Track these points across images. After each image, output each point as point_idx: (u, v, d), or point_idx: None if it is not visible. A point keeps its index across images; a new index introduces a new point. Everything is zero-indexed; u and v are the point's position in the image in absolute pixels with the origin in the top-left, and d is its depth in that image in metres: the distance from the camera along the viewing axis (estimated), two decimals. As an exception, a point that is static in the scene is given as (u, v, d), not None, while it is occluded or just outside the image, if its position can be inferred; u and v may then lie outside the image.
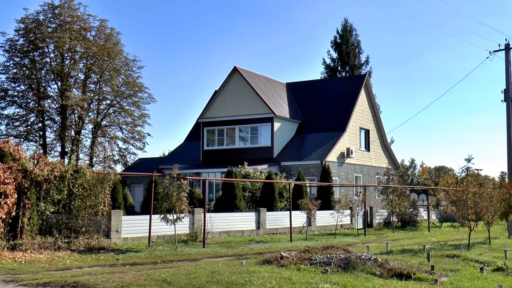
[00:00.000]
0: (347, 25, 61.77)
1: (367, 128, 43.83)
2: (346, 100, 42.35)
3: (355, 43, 61.83)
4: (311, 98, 44.26)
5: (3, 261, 15.33)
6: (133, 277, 12.42)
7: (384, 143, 46.22)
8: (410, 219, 34.77)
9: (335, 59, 61.71)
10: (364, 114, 43.64)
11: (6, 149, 22.81)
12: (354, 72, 59.69)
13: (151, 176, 22.07)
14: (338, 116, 41.46)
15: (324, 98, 43.63)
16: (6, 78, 43.68)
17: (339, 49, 61.28)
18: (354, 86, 43.46)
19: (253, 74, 43.09)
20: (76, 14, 43.11)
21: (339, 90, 43.82)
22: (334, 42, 61.93)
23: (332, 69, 61.40)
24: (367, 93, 44.36)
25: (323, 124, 41.37)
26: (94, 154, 44.52)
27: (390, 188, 33.20)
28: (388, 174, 34.93)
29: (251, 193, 31.39)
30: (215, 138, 41.85)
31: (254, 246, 21.19)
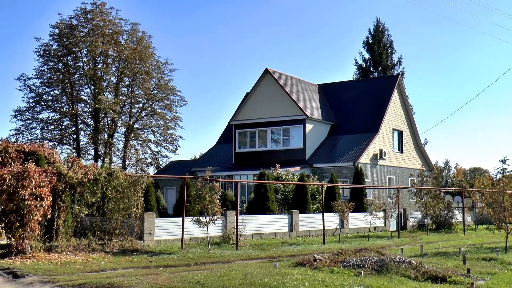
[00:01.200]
0: (379, 25, 61.27)
1: (400, 129, 43.33)
2: (379, 101, 41.95)
3: (388, 43, 61.29)
4: (343, 99, 43.97)
5: (40, 262, 15.55)
6: (166, 279, 12.45)
7: (418, 144, 45.63)
8: (444, 221, 34.23)
9: (367, 59, 61.25)
10: (397, 115, 43.16)
11: (41, 152, 23.17)
12: (386, 72, 59.14)
13: (184, 179, 22.13)
14: (370, 117, 41.09)
15: (356, 99, 43.30)
16: (41, 83, 44.40)
17: (371, 49, 60.80)
18: (387, 87, 43.02)
19: (285, 75, 42.99)
20: (108, 18, 43.65)
21: (371, 91, 43.45)
22: (366, 42, 61.48)
23: (364, 70, 60.95)
24: (400, 94, 43.87)
25: (355, 126, 41.06)
26: (126, 157, 44.93)
27: (424, 190, 32.74)
28: (422, 175, 34.48)
29: (283, 195, 31.27)
30: (247, 140, 41.84)
31: (287, 249, 21.08)
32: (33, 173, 16.73)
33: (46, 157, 23.01)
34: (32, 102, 44.25)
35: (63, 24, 43.30)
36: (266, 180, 29.26)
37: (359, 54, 62.32)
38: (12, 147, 23.19)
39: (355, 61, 61.90)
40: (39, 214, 16.60)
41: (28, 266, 14.78)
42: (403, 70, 61.04)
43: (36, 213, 16.50)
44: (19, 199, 16.32)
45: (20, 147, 23.60)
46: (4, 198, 16.50)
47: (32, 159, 21.01)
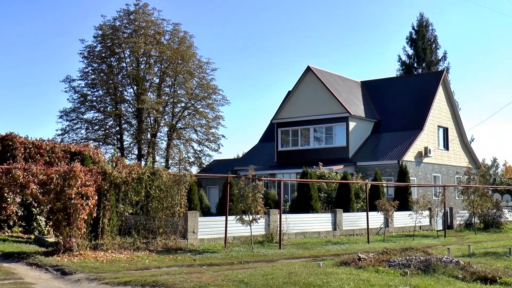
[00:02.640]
0: (423, 20, 60.31)
1: (445, 126, 42.51)
2: (423, 98, 41.26)
3: (432, 39, 60.27)
4: (386, 96, 43.41)
5: (86, 260, 15.78)
6: (210, 277, 12.45)
7: (464, 141, 44.71)
8: (493, 220, 33.38)
9: (411, 55, 60.38)
10: (442, 112, 42.35)
11: (86, 152, 23.62)
12: (430, 68, 58.16)
13: (226, 178, 22.15)
14: (415, 114, 40.45)
15: (400, 96, 42.69)
16: (85, 84, 45.22)
17: (415, 45, 59.89)
18: (431, 83, 42.26)
19: (327, 73, 42.69)
20: (150, 19, 44.12)
21: (415, 87, 42.77)
22: (409, 38, 60.61)
23: (408, 66, 60.08)
24: (445, 90, 43.05)
25: (399, 123, 40.49)
26: (169, 156, 45.33)
27: (471, 188, 32.03)
28: (469, 173, 33.72)
29: (326, 194, 31.04)
30: (290, 139, 41.70)
31: (331, 248, 20.89)
32: (79, 173, 16.98)
33: (91, 157, 23.43)
34: (77, 103, 45.10)
35: (106, 26, 43.99)
36: (309, 179, 29.08)
37: (403, 50, 61.55)
38: (58, 147, 23.70)
39: (398, 57, 61.19)
40: (85, 212, 16.85)
41: (75, 264, 15.01)
42: (448, 65, 60.05)
43: (82, 211, 16.76)
44: (65, 198, 16.60)
45: (66, 147, 24.10)
46: (52, 197, 16.81)
47: (78, 159, 21.39)
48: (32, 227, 22.15)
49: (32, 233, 21.69)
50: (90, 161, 22.38)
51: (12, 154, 22.12)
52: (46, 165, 18.99)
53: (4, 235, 21.00)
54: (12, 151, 22.20)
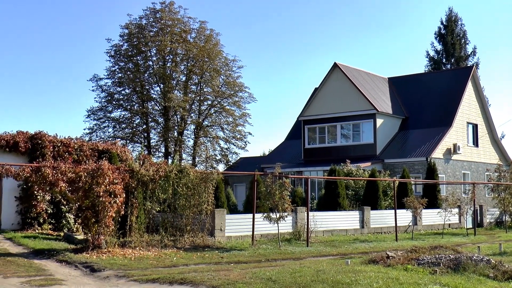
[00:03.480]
0: (452, 14, 59.47)
1: (475, 123, 41.88)
2: (452, 94, 40.68)
3: (461, 34, 59.41)
4: (414, 92, 42.92)
5: (115, 257, 15.90)
6: (238, 275, 12.42)
7: (494, 138, 43.98)
8: (524, 218, 32.84)
9: (439, 51, 59.60)
10: (472, 108, 41.74)
11: (113, 150, 23.82)
12: (459, 64, 57.33)
13: (253, 175, 22.13)
14: (443, 111, 39.93)
15: (428, 92, 42.16)
16: (112, 83, 45.54)
17: (444, 40, 59.09)
18: (460, 79, 41.66)
19: (354, 69, 42.39)
20: (176, 17, 44.25)
21: (444, 83, 42.19)
22: (438, 33, 59.82)
23: (436, 61, 59.31)
24: (475, 86, 42.41)
25: (427, 120, 40.02)
26: (196, 154, 45.44)
27: (502, 186, 31.51)
28: (499, 170, 33.18)
29: (354, 192, 30.83)
30: (316, 136, 41.51)
31: (359, 245, 20.74)
32: (107, 171, 17.10)
33: (119, 155, 23.62)
34: (104, 101, 45.47)
35: (133, 25, 44.27)
36: (337, 176, 28.91)
37: (431, 46, 60.75)
38: (86, 146, 23.95)
39: (426, 53, 60.42)
40: (113, 210, 16.97)
41: (104, 261, 15.13)
42: (477, 61, 59.10)
43: (110, 209, 16.88)
44: (94, 195, 16.74)
45: (94, 146, 24.35)
46: (80, 195, 16.96)
47: (105, 157, 21.57)
48: (61, 224, 22.42)
49: (61, 230, 21.95)
50: (117, 159, 22.55)
51: (42, 152, 22.44)
52: (74, 163, 19.19)
53: (34, 232, 21.30)
54: (41, 149, 22.52)
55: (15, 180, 18.77)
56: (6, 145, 22.24)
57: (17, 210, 22.45)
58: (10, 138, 22.43)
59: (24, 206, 22.34)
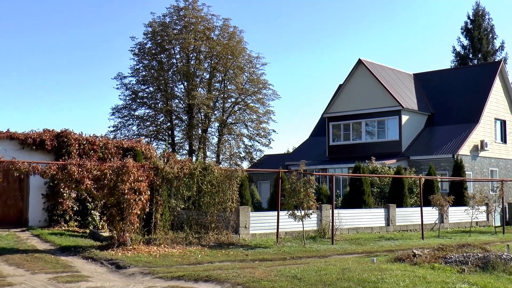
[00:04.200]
0: (479, 9, 58.61)
1: (503, 119, 41.21)
2: (479, 90, 40.08)
3: (488, 28, 58.52)
4: (440, 88, 42.39)
5: (140, 254, 15.97)
6: (263, 272, 12.37)
7: (523, 134, 43.27)
8: (554, 216, 32.28)
9: (466, 46, 58.79)
10: (500, 104, 41.08)
11: (138, 148, 23.95)
12: (487, 59, 56.50)
13: (278, 173, 22.05)
14: (470, 107, 39.38)
15: (454, 88, 41.61)
16: (136, 81, 45.78)
17: (470, 35, 58.26)
18: (488, 74, 41.01)
19: (379, 66, 42.03)
20: (200, 14, 44.30)
21: (470, 79, 41.59)
22: (464, 28, 59.00)
23: (462, 57, 58.54)
24: (502, 81, 41.73)
25: (454, 116, 39.50)
26: (220, 152, 45.44)
27: (531, 183, 31.00)
28: (528, 167, 32.64)
29: (379, 189, 30.58)
30: (341, 133, 41.27)
31: (384, 243, 20.55)
32: (132, 168, 17.17)
33: (143, 153, 23.73)
34: (129, 99, 45.72)
35: (156, 23, 44.43)
36: (362, 173, 28.69)
37: (457, 41, 60.01)
38: (111, 143, 24.12)
39: (452, 48, 59.67)
40: (138, 207, 17.03)
41: (129, 258, 15.20)
42: (505, 56, 58.14)
43: (135, 206, 16.94)
44: (119, 193, 16.82)
45: (118, 143, 24.51)
46: (106, 192, 17.06)
47: (130, 155, 21.70)
48: (87, 221, 22.62)
49: (87, 227, 22.14)
50: (142, 156, 22.65)
51: (67, 150, 22.65)
52: (99, 161, 19.35)
53: (61, 229, 21.53)
54: (67, 147, 22.74)
55: (42, 178, 18.99)
56: (33, 143, 22.51)
57: (44, 207, 22.71)
58: (36, 136, 22.69)
59: (51, 203, 22.59)
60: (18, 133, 22.67)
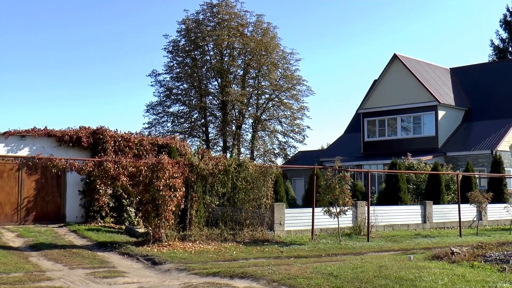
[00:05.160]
0: (519, 1, 57.44)
1: (544, 114, 40.23)
2: (519, 83, 39.25)
3: (529, 20, 57.30)
4: (477, 83, 41.63)
5: (175, 250, 16.03)
6: (298, 269, 12.28)
7: None
8: None
9: (504, 39, 57.60)
10: (540, 98, 40.11)
11: (173, 145, 24.03)
12: (527, 51, 55.36)
13: (313, 169, 21.90)
14: (509, 101, 38.55)
15: (492, 83, 40.81)
16: (171, 78, 46.08)
17: (510, 28, 57.06)
18: (527, 68, 40.16)
19: (414, 60, 41.47)
20: (233, 11, 44.32)
21: (510, 72, 40.71)
22: (503, 20, 57.80)
23: (501, 50, 57.38)
24: (543, 75, 40.75)
25: (492, 111, 38.74)
26: (254, 148, 45.43)
27: None
28: None
29: (415, 186, 30.15)
30: (376, 129, 40.87)
31: (421, 241, 20.23)
32: (167, 165, 17.23)
33: (178, 149, 23.81)
34: (163, 96, 46.05)
35: (190, 20, 44.60)
36: (398, 170, 28.32)
37: (496, 34, 58.84)
38: (146, 140, 24.27)
39: (490, 41, 58.60)
40: (173, 204, 17.09)
41: (165, 254, 15.27)
42: (547, 48, 56.88)
43: (170, 203, 17.00)
44: (154, 189, 16.91)
45: (153, 140, 24.64)
46: (141, 189, 17.17)
47: (165, 151, 21.78)
48: (123, 218, 22.82)
49: (123, 223, 22.34)
50: (177, 153, 22.73)
51: (103, 147, 22.88)
52: (135, 158, 19.46)
53: (97, 225, 21.77)
54: (103, 144, 22.96)
55: (79, 174, 19.23)
56: (69, 140, 22.80)
57: (80, 203, 23.00)
58: (73, 134, 22.97)
59: (87, 200, 22.86)
60: (55, 131, 23.00)
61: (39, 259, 14.61)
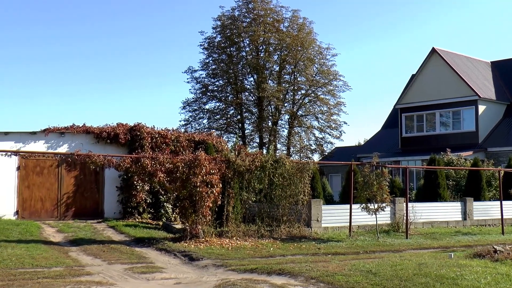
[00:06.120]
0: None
1: None
2: None
3: None
4: (520, 76, 40.66)
5: (212, 246, 16.04)
6: (336, 266, 12.16)
7: None
8: None
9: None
10: None
11: (209, 141, 24.10)
12: None
13: (350, 165, 21.68)
14: (554, 95, 37.59)
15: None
16: (206, 74, 46.22)
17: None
18: None
19: (453, 54, 40.73)
20: (268, 7, 44.20)
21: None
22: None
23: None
24: None
25: (535, 105, 37.83)
26: (291, 144, 45.29)
27: None
28: None
29: (455, 182, 29.59)
30: (414, 125, 40.30)
31: (461, 238, 19.84)
32: (204, 161, 17.26)
33: (214, 146, 23.87)
34: (199, 93, 46.24)
35: (225, 16, 44.67)
36: (437, 166, 27.84)
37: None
38: (183, 137, 24.40)
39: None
40: (210, 200, 17.12)
41: (202, 250, 15.30)
42: None
43: (207, 199, 17.04)
44: (191, 185, 16.96)
45: (190, 136, 24.75)
46: (178, 185, 17.24)
47: (202, 148, 21.86)
48: (160, 213, 22.99)
49: (160, 219, 22.49)
50: (213, 149, 22.77)
51: (140, 143, 23.08)
52: (171, 154, 19.57)
53: (134, 221, 21.98)
54: (140, 141, 23.16)
55: (116, 171, 19.40)
56: (107, 137, 23.07)
57: (118, 199, 23.25)
58: (111, 130, 23.24)
59: (125, 196, 23.10)
60: (94, 127, 23.30)
61: (78, 254, 14.81)
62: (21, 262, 12.99)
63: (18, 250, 14.55)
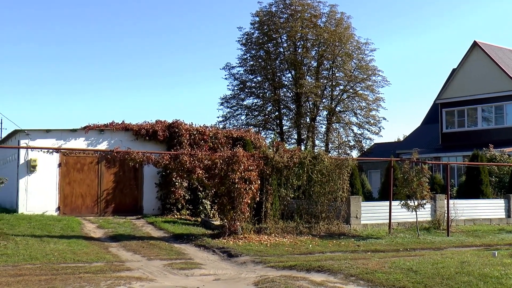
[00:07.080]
0: None
1: None
2: None
3: None
4: None
5: (251, 243, 16.05)
6: (376, 264, 12.01)
7: None
8: None
9: None
10: None
11: (247, 138, 24.08)
12: None
13: (389, 162, 21.40)
14: None
15: None
16: (244, 71, 46.17)
17: None
18: None
19: (496, 47, 39.78)
20: (306, 2, 43.90)
21: None
22: None
23: None
24: None
25: None
26: (329, 140, 44.94)
27: None
28: None
29: (497, 178, 28.90)
30: (455, 120, 39.55)
31: (505, 236, 19.38)
32: (242, 158, 17.26)
33: (252, 142, 23.84)
34: (237, 89, 46.23)
35: (263, 12, 44.57)
36: (479, 162, 27.24)
37: None
38: (221, 133, 24.44)
39: None
40: (248, 197, 17.11)
41: (240, 247, 15.31)
42: None
43: (246, 196, 17.03)
44: (229, 182, 16.97)
45: (228, 133, 24.77)
46: (216, 181, 17.28)
47: (240, 144, 21.83)
48: (198, 210, 23.08)
49: (198, 216, 22.59)
50: (251, 146, 22.75)
51: (179, 140, 23.21)
52: (210, 151, 19.62)
53: (173, 217, 22.13)
54: (178, 137, 23.30)
55: (155, 168, 19.56)
56: (146, 134, 23.29)
57: (157, 196, 23.45)
58: (149, 127, 23.44)
59: (164, 192, 23.28)
60: (132, 125, 23.54)
61: (118, 249, 14.98)
62: (63, 257, 13.22)
63: (60, 245, 14.81)
